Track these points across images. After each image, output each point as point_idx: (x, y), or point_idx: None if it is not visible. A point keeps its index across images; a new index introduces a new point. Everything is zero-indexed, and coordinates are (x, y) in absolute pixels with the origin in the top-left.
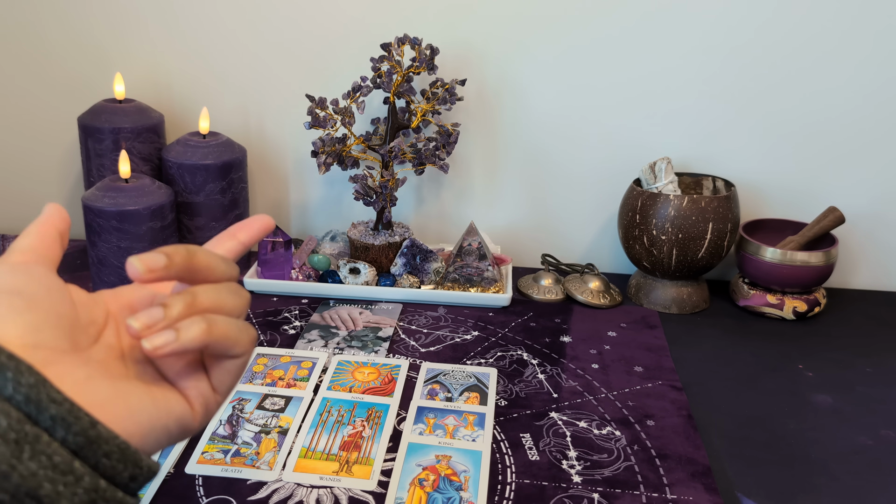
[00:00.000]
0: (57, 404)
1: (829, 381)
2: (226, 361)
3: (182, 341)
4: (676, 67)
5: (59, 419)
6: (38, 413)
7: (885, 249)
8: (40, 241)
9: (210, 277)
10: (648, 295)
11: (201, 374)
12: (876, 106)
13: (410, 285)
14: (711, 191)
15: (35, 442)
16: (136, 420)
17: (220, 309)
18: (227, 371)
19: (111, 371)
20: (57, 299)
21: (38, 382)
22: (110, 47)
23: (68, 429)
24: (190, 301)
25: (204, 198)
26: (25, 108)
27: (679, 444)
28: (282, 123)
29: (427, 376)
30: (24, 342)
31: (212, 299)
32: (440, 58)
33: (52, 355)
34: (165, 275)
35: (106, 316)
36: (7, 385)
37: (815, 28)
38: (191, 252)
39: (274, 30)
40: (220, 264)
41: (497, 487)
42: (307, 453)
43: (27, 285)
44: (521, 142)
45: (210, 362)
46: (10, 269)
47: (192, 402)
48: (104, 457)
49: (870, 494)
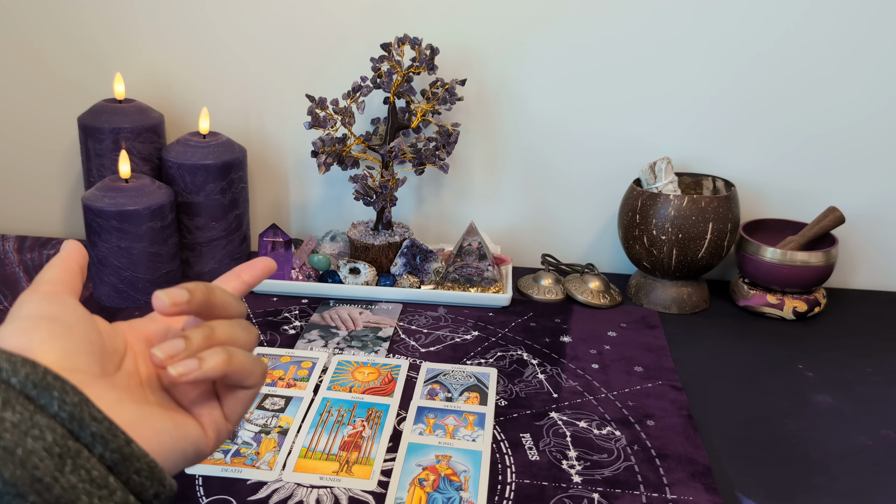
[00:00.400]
0: (97, 422)
1: (829, 381)
2: (238, 391)
3: (204, 369)
4: (677, 68)
5: (99, 436)
6: (80, 430)
7: (885, 250)
8: (65, 273)
9: (224, 314)
10: (648, 295)
11: (214, 402)
12: (876, 106)
13: (410, 285)
14: (711, 191)
15: (76, 457)
16: (160, 441)
17: (234, 342)
18: (238, 401)
19: (135, 396)
20: (87, 328)
21: (81, 402)
22: (110, 47)
23: (106, 445)
24: (209, 334)
25: (204, 198)
26: (25, 108)
27: (679, 444)
28: (282, 123)
29: (427, 376)
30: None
31: (227, 333)
32: (440, 58)
33: (87, 379)
34: (187, 309)
35: (125, 345)
36: (53, 403)
37: (815, 29)
38: (209, 289)
39: (274, 30)
40: (234, 302)
41: (497, 487)
42: (307, 453)
43: (62, 313)
44: (521, 142)
45: (223, 392)
46: (44, 298)
47: (205, 428)
48: (135, 473)
49: (870, 494)
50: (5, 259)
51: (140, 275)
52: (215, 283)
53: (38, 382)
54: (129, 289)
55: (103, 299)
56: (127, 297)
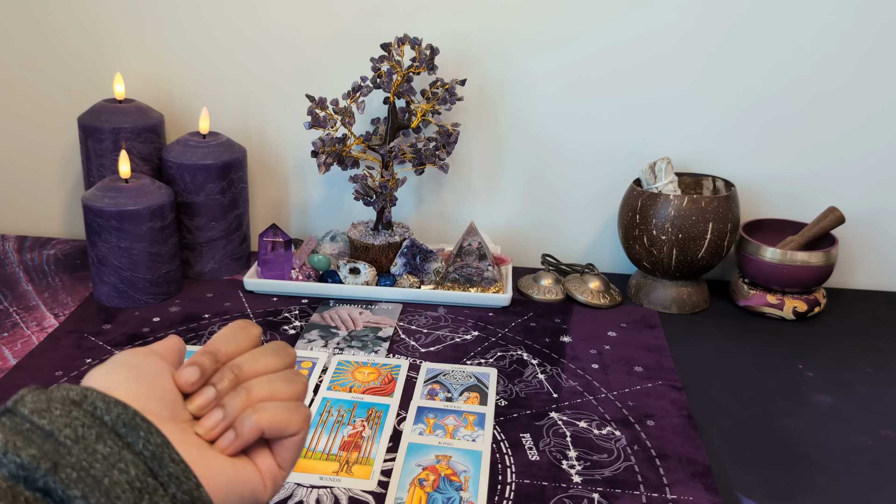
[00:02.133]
0: (175, 464)
1: (829, 381)
2: (284, 440)
3: (242, 438)
4: (677, 68)
5: (175, 477)
6: (159, 469)
7: (885, 250)
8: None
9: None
10: (648, 295)
11: (266, 451)
12: (876, 106)
13: (410, 285)
14: (711, 191)
15: (153, 493)
16: (217, 483)
17: (274, 397)
18: (286, 448)
19: (200, 441)
20: (165, 378)
21: (164, 443)
22: (110, 47)
23: (179, 486)
24: (245, 398)
25: (204, 198)
26: (26, 108)
27: (679, 444)
28: (282, 123)
29: (427, 376)
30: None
31: (265, 392)
32: (440, 58)
33: (155, 420)
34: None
35: None
36: (139, 441)
37: (815, 30)
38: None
39: (274, 29)
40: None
41: (497, 487)
42: (307, 453)
43: (142, 364)
44: (521, 142)
45: (272, 443)
46: (131, 353)
47: (262, 475)
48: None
49: (870, 494)
50: (5, 259)
51: (140, 275)
52: None
53: (128, 422)
54: (129, 289)
55: (103, 299)
56: (127, 297)
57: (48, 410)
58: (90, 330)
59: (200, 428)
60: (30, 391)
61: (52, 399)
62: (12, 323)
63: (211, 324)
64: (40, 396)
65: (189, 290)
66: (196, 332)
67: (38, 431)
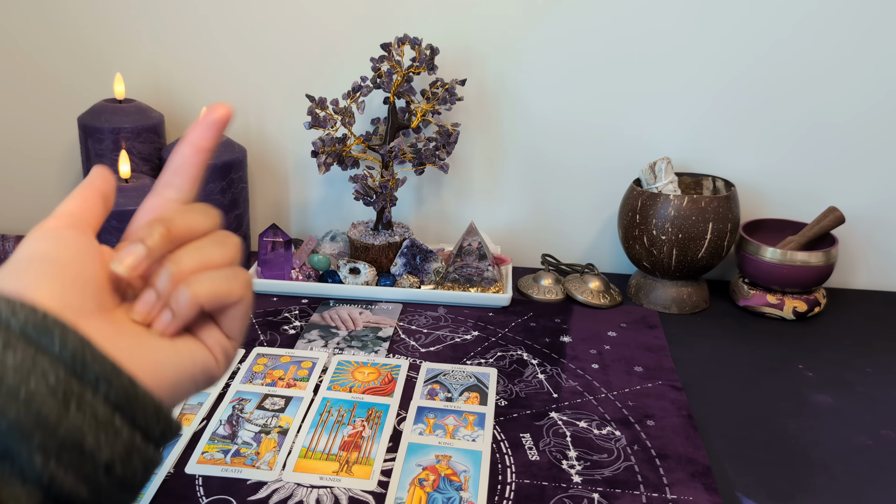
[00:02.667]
0: (100, 362)
1: (829, 381)
2: (229, 310)
3: (180, 317)
4: (677, 68)
5: (103, 376)
6: (83, 371)
7: (885, 250)
8: (81, 204)
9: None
10: (648, 295)
11: (211, 324)
12: (876, 106)
13: (410, 285)
14: (711, 191)
15: (80, 397)
16: (163, 372)
17: (207, 267)
18: (232, 318)
19: (135, 329)
20: (86, 263)
21: (83, 343)
22: (110, 47)
23: (110, 385)
24: (175, 271)
25: (204, 198)
26: (25, 108)
27: (679, 444)
28: (282, 123)
29: (427, 376)
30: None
31: (196, 260)
32: (440, 58)
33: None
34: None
35: None
36: (54, 345)
37: (815, 30)
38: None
39: (274, 30)
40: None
41: (497, 487)
42: (307, 453)
43: (57, 251)
44: (521, 141)
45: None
46: (41, 236)
47: (212, 350)
48: (141, 412)
49: (870, 494)
50: (5, 259)
51: None
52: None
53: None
54: None
55: None
56: None
57: None
58: None
59: (136, 315)
60: None
61: None
62: None
63: None
64: None
65: None
66: None
67: None
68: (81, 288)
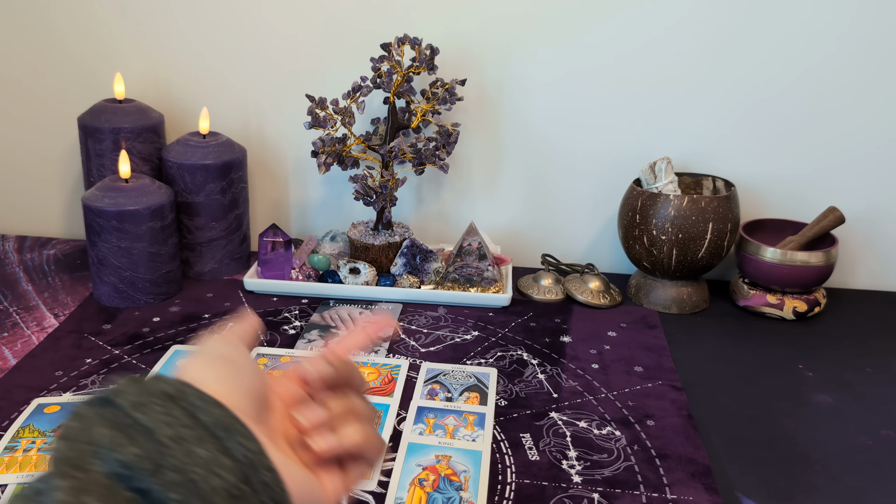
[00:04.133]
0: (269, 472)
1: (829, 381)
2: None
3: (344, 444)
4: (677, 68)
5: (266, 486)
6: (253, 475)
7: (885, 250)
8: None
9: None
10: (648, 295)
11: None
12: (876, 106)
13: (410, 285)
14: (711, 191)
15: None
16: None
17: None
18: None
19: (279, 446)
20: (255, 375)
21: (260, 450)
22: (110, 47)
23: (270, 495)
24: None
25: (204, 198)
26: (26, 109)
27: (679, 444)
28: (282, 123)
29: (427, 376)
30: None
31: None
32: (440, 58)
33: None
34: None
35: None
36: (237, 447)
37: (815, 30)
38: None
39: (274, 30)
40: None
41: (497, 487)
42: None
43: (236, 357)
44: (520, 141)
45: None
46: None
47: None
48: None
49: (870, 494)
50: (5, 259)
51: (140, 275)
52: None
53: (228, 426)
54: (129, 289)
55: (103, 299)
56: (127, 297)
57: (147, 405)
58: (90, 330)
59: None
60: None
61: (149, 392)
62: (12, 323)
63: (211, 324)
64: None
65: (189, 290)
66: (196, 333)
67: (139, 427)
68: (252, 396)
